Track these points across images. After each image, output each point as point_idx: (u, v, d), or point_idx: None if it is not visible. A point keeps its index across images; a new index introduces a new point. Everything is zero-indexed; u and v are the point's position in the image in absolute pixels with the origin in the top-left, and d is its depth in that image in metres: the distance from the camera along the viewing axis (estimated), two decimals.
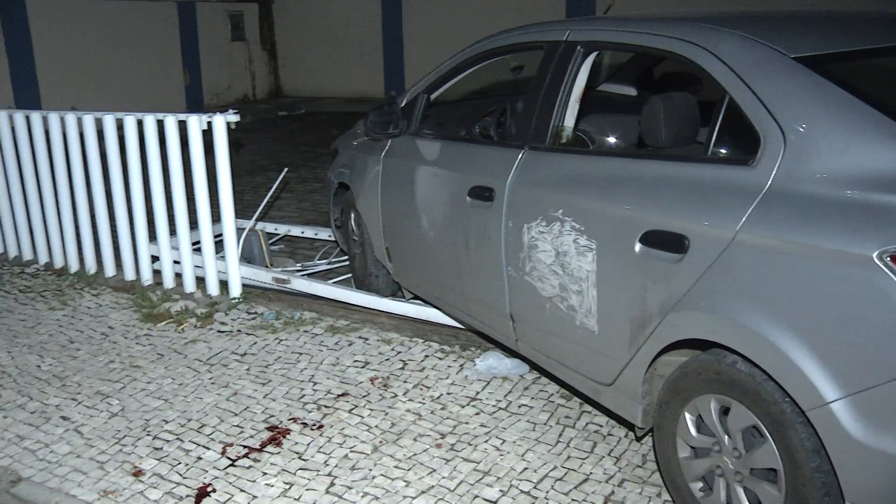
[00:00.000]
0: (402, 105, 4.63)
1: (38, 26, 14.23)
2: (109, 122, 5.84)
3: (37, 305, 5.79)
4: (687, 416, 2.90)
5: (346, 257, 6.10)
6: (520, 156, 3.63)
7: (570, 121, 3.59)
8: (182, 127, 5.51)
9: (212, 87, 17.49)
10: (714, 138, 2.87)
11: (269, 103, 18.20)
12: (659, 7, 7.06)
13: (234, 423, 3.88)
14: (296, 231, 7.01)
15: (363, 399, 4.05)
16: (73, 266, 6.44)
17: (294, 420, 3.87)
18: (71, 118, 6.06)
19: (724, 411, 2.76)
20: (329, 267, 6.35)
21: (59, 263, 6.55)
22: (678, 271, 2.78)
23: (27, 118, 6.38)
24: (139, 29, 15.99)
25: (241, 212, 6.58)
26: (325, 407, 3.98)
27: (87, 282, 6.18)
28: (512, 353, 4.23)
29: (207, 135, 5.43)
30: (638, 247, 2.93)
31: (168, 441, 3.76)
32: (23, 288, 6.20)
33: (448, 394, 4.08)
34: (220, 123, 5.35)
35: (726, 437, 2.75)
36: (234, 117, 5.37)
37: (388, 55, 17.76)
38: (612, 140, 4.17)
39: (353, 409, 3.96)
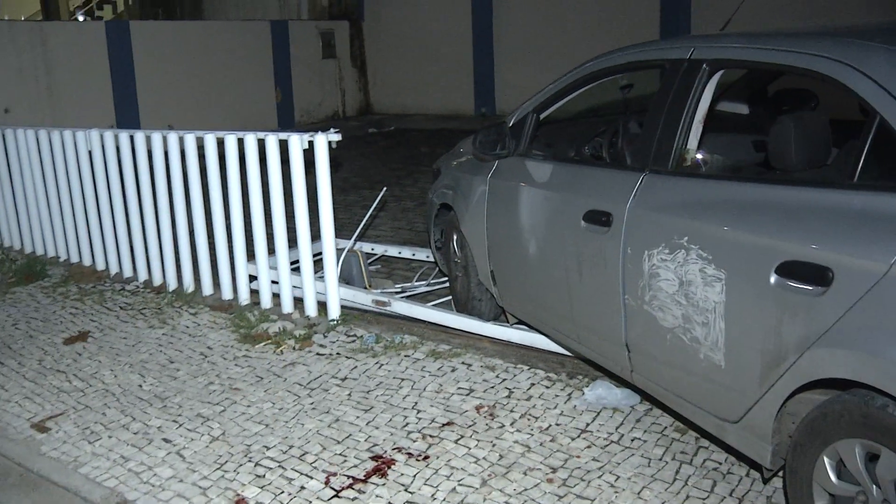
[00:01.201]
0: (511, 125, 4.50)
1: (139, 49, 14.65)
2: (210, 140, 5.86)
3: (137, 323, 5.82)
4: (826, 460, 2.68)
5: (445, 279, 5.98)
6: (640, 179, 3.46)
7: (693, 143, 3.41)
8: (282, 146, 5.48)
9: (303, 105, 17.69)
10: (862, 162, 2.65)
11: (358, 120, 18.32)
12: (774, 22, 6.78)
13: (336, 451, 3.78)
14: (393, 251, 6.92)
15: (469, 429, 3.90)
16: (172, 284, 6.47)
17: (398, 450, 3.75)
18: (173, 137, 6.11)
19: (872, 457, 2.54)
20: (429, 289, 6.24)
21: (157, 281, 6.60)
22: (820, 305, 2.58)
23: (131, 137, 6.48)
24: (233, 48, 16.32)
25: (337, 231, 6.52)
26: (431, 436, 3.85)
27: (185, 300, 6.19)
28: (621, 381, 4.05)
29: (307, 153, 5.38)
30: (773, 278, 2.73)
31: (270, 468, 3.67)
32: (124, 305, 6.25)
33: (557, 424, 3.91)
34: (322, 143, 5.30)
35: (874, 486, 2.52)
36: (335, 136, 5.30)
37: (478, 72, 17.70)
38: (734, 162, 3.95)
39: (459, 439, 3.81)
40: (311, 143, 5.35)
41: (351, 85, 19.08)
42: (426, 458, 3.66)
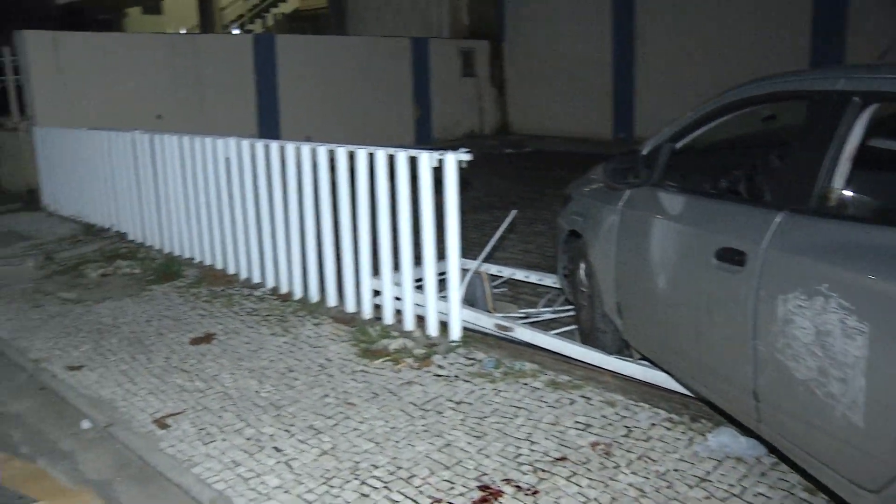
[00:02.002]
0: (645, 154, 4.35)
1: (283, 61, 15.13)
2: (342, 154, 5.93)
3: (261, 329, 5.92)
4: None
5: (571, 307, 5.84)
6: (777, 218, 3.25)
7: (839, 182, 3.17)
8: (413, 163, 5.48)
9: (441, 122, 17.84)
10: None
11: (496, 139, 18.32)
12: None
13: (444, 476, 3.71)
14: (520, 275, 6.82)
15: (583, 466, 3.76)
16: (298, 293, 6.57)
17: (508, 481, 3.64)
18: (306, 149, 6.21)
19: None
20: (553, 316, 6.11)
21: (284, 289, 6.72)
22: None
23: (266, 147, 6.64)
24: (374, 64, 16.63)
25: (464, 250, 6.47)
26: (542, 470, 3.73)
27: (309, 310, 6.27)
28: (748, 429, 3.82)
29: (438, 171, 5.36)
30: None
31: (376, 488, 3.63)
32: (250, 310, 6.38)
33: (675, 470, 3.72)
34: (452, 162, 5.26)
35: None
36: (465, 156, 5.26)
37: (618, 97, 17.44)
38: (885, 204, 3.68)
39: (571, 476, 3.67)
40: (440, 162, 5.33)
41: (490, 104, 19.12)
42: (535, 493, 3.54)
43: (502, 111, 19.44)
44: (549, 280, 6.53)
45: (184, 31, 29.74)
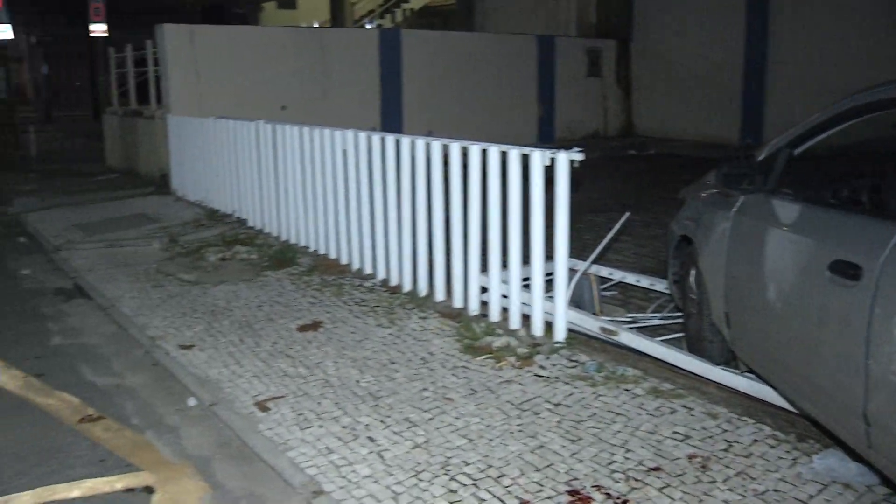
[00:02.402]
0: (761, 159, 4.18)
1: (408, 56, 15.29)
2: (455, 149, 5.94)
3: (367, 320, 5.98)
4: None
5: (680, 314, 5.68)
6: None
7: None
8: (526, 160, 5.43)
9: (564, 122, 17.67)
10: None
11: (619, 141, 18.04)
12: None
13: (534, 478, 3.65)
14: (631, 279, 6.68)
15: (677, 478, 3.64)
16: (407, 286, 6.61)
17: (598, 488, 3.56)
18: (420, 143, 6.24)
19: None
20: (661, 322, 5.96)
21: (394, 282, 6.77)
22: None
23: (381, 140, 6.71)
24: (499, 60, 16.60)
25: (577, 251, 6.39)
26: (634, 479, 3.63)
27: (416, 303, 6.30)
28: (859, 454, 3.62)
29: (550, 170, 5.30)
30: None
31: (464, 485, 3.61)
32: (359, 301, 6.46)
33: (775, 490, 3.56)
34: (563, 161, 5.19)
35: None
36: (577, 156, 5.17)
37: (747, 101, 16.86)
38: None
39: (664, 487, 3.56)
40: (552, 160, 5.26)
41: (614, 105, 18.83)
42: (625, 502, 3.45)
43: (627, 112, 19.11)
44: (661, 285, 6.37)
45: (316, 25, 30.46)
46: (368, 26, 27.92)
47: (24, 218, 10.87)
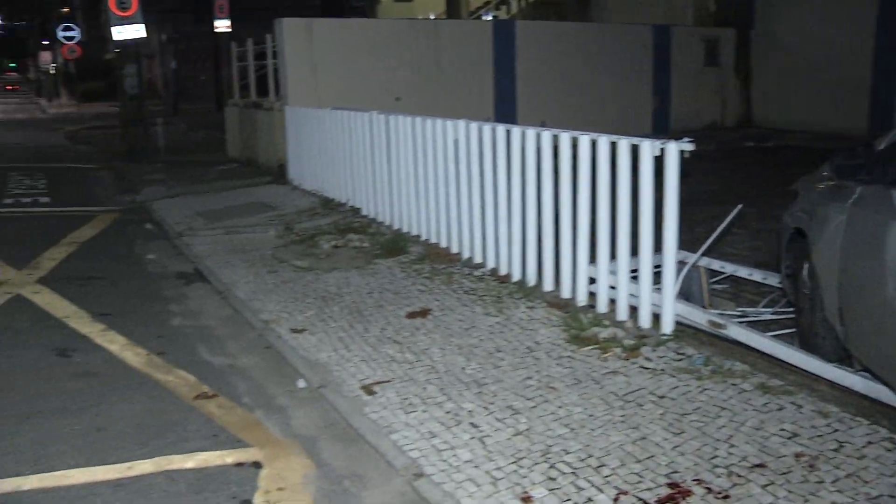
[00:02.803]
0: (881, 148, 4.03)
1: (522, 47, 15.28)
2: (565, 139, 5.92)
3: (475, 308, 6.04)
4: None
5: (793, 310, 5.52)
6: None
7: None
8: (636, 151, 5.38)
9: (680, 113, 17.33)
10: None
11: (737, 132, 17.58)
12: None
13: (634, 469, 3.63)
14: (743, 272, 6.53)
15: (782, 476, 3.55)
16: (516, 276, 6.64)
17: (699, 482, 3.51)
18: (531, 133, 6.25)
19: None
20: (773, 317, 5.81)
21: (503, 271, 6.81)
22: None
23: (492, 130, 6.73)
24: (613, 51, 16.42)
25: (688, 243, 6.28)
26: (737, 475, 3.56)
27: (525, 293, 6.32)
28: None
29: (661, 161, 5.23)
30: None
31: (564, 473, 3.62)
32: (468, 289, 6.52)
33: (890, 496, 3.40)
34: (673, 151, 5.11)
35: None
36: (688, 146, 5.08)
37: (876, 92, 16.13)
38: None
39: (767, 485, 3.48)
40: (662, 151, 5.19)
41: (732, 95, 18.33)
42: (726, 497, 3.39)
43: (746, 103, 18.57)
44: (774, 280, 6.21)
45: (432, 17, 30.71)
46: (486, 17, 27.99)
47: (150, 206, 11.37)
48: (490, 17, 27.96)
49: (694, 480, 3.53)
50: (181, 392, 4.80)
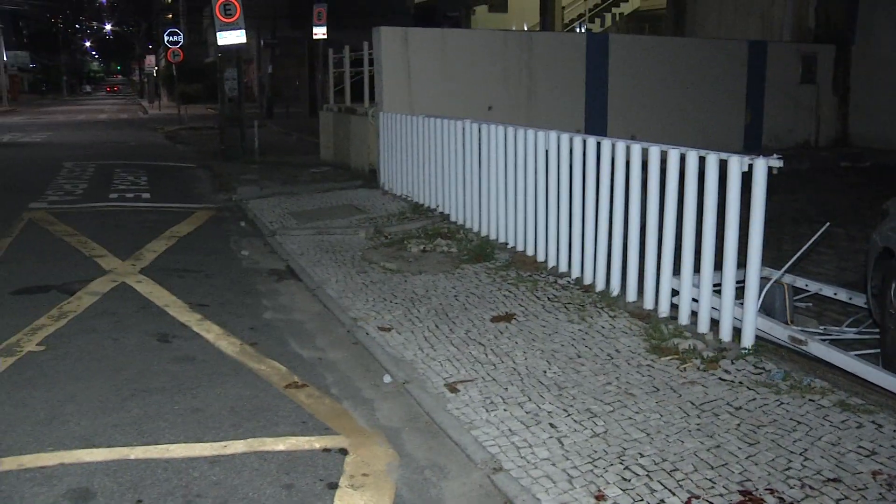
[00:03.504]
0: None
1: (615, 60, 15.31)
2: (654, 153, 6.00)
3: (559, 315, 6.16)
4: None
5: (877, 329, 5.49)
6: None
7: None
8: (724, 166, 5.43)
9: (773, 129, 17.08)
10: None
11: (831, 151, 17.23)
12: None
13: (707, 475, 3.72)
14: (828, 291, 6.49)
15: (857, 492, 3.59)
16: (600, 285, 6.73)
17: (771, 492, 3.58)
18: (620, 146, 6.35)
19: None
20: (856, 337, 5.78)
21: (587, 280, 6.90)
22: None
23: (583, 141, 6.85)
24: (706, 66, 16.30)
25: (774, 260, 6.31)
26: (810, 487, 3.61)
27: (608, 303, 6.41)
28: None
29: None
30: None
31: (637, 475, 3.73)
32: (552, 297, 6.64)
33: None
34: (761, 167, 5.16)
35: None
36: (776, 162, 5.12)
37: None
38: None
39: (841, 499, 3.52)
40: (750, 167, 5.24)
41: (828, 113, 17.97)
42: None
43: (842, 121, 18.17)
44: (859, 300, 6.17)
45: (526, 28, 30.87)
46: (580, 30, 28.04)
47: (245, 204, 11.78)
48: (584, 30, 27.99)
49: (766, 490, 3.60)
50: (273, 380, 5.06)
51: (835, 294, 6.44)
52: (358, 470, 3.90)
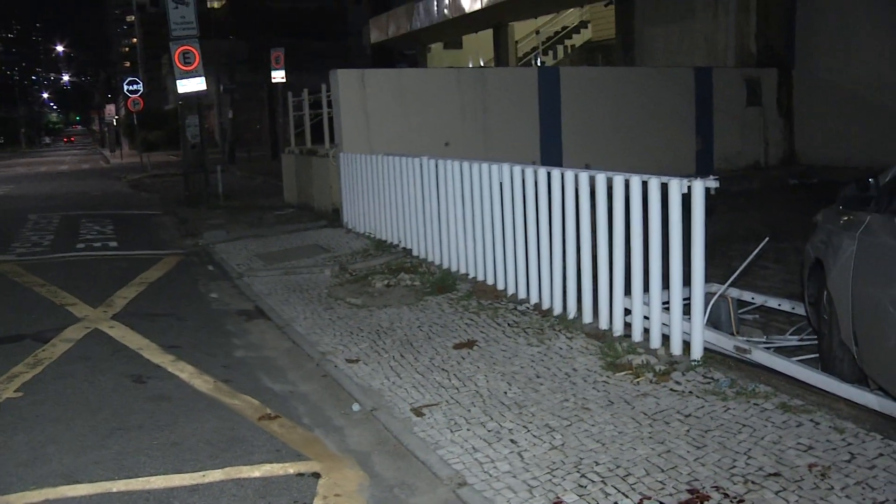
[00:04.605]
0: (886, 181, 4.38)
1: (566, 92, 15.77)
2: (601, 180, 6.33)
3: (518, 339, 6.43)
4: None
5: (816, 336, 5.83)
6: None
7: None
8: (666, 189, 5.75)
9: (723, 152, 17.58)
10: None
11: (780, 170, 17.76)
12: None
13: (658, 478, 3.99)
14: (772, 303, 6.84)
15: (794, 483, 3.88)
16: (557, 309, 7.02)
17: (717, 488, 3.85)
18: (569, 175, 6.66)
19: None
20: (798, 344, 6.11)
21: (546, 305, 7.19)
22: None
23: (534, 172, 7.17)
24: (655, 93, 16.79)
25: (724, 277, 6.63)
26: (753, 483, 3.90)
27: (565, 325, 6.69)
28: None
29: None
30: None
31: (593, 481, 3.99)
32: (511, 322, 6.91)
33: None
34: (699, 188, 5.49)
35: None
36: (712, 183, 5.46)
37: None
38: None
39: (780, 491, 3.81)
40: (689, 188, 5.57)
41: (775, 134, 18.53)
42: (741, 501, 3.72)
43: (788, 141, 18.74)
44: (802, 310, 6.51)
45: (482, 63, 31.41)
46: (535, 63, 28.63)
47: (211, 248, 11.99)
48: (539, 63, 28.58)
49: (713, 487, 3.87)
50: (246, 413, 5.28)
51: (779, 305, 6.78)
52: (330, 491, 4.13)
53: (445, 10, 26.76)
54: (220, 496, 4.12)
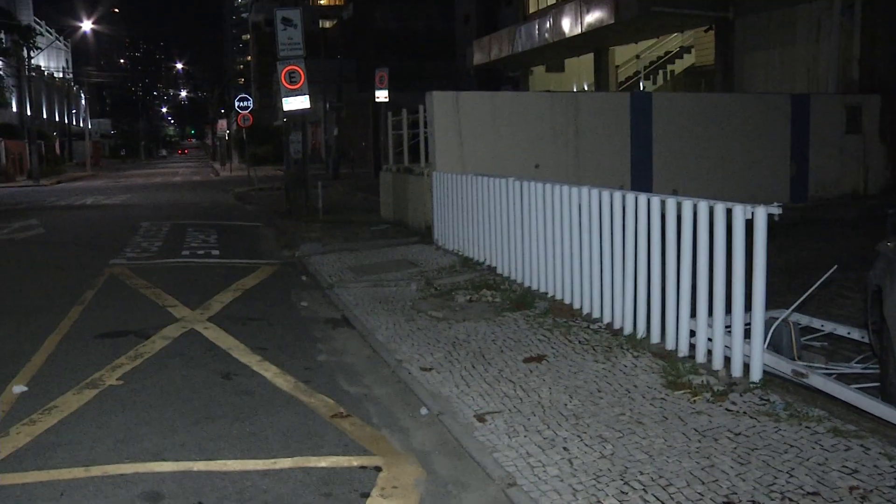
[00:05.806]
0: None
1: (658, 117, 15.83)
2: (671, 204, 6.52)
3: (586, 356, 6.66)
4: None
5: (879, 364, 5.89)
6: None
7: None
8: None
9: (820, 180, 17.34)
10: None
11: (880, 199, 17.39)
12: None
13: (697, 489, 4.18)
14: (841, 330, 6.89)
15: (831, 503, 4.02)
16: (628, 329, 7.22)
17: (753, 502, 4.03)
18: (643, 199, 6.88)
19: None
20: (861, 371, 6.17)
21: (617, 325, 7.40)
22: None
23: (610, 195, 7.40)
24: (750, 120, 16.71)
25: (802, 303, 6.74)
26: (789, 500, 4.05)
27: (633, 344, 6.89)
28: None
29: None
30: None
31: (635, 489, 4.21)
32: (582, 340, 7.15)
33: None
34: (761, 214, 5.65)
35: None
36: (775, 209, 5.61)
37: None
38: None
39: None
40: (752, 214, 5.73)
41: (877, 162, 18.14)
42: None
43: (891, 170, 18.31)
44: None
45: (585, 87, 31.53)
46: (641, 86, 28.66)
47: (307, 260, 12.54)
48: (641, 87, 28.60)
49: (749, 501, 4.06)
50: (321, 411, 5.69)
51: (848, 333, 6.83)
52: (389, 483, 4.49)
53: (546, 35, 27.06)
54: (287, 481, 4.54)
